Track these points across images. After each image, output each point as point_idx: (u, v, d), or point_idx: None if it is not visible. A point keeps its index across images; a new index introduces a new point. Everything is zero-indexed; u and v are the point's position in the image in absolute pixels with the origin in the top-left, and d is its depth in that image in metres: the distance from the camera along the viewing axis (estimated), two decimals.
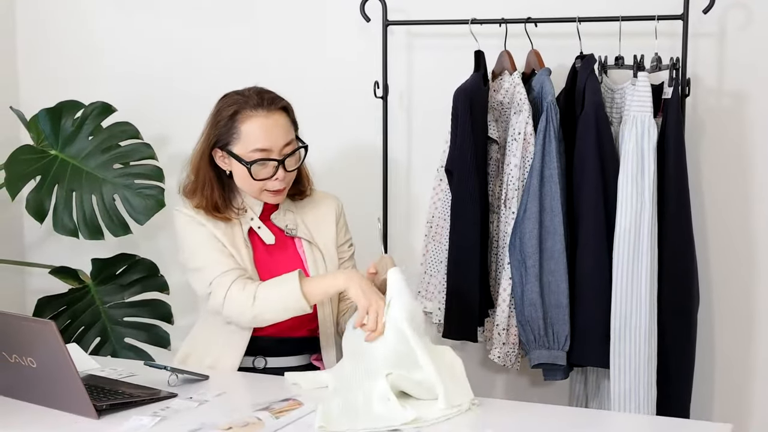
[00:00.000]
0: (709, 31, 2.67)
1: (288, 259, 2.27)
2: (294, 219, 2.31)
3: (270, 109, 2.18)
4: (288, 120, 2.22)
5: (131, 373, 2.14)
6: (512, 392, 2.95)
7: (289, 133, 2.21)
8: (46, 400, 1.89)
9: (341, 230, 2.37)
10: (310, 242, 2.29)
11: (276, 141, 2.17)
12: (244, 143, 2.17)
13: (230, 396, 1.98)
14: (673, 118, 2.44)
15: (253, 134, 2.16)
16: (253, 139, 2.16)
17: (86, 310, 3.00)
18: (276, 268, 2.24)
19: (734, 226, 2.73)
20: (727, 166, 2.71)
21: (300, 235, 2.29)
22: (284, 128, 2.20)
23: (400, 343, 1.94)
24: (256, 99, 2.19)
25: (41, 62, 3.33)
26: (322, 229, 2.33)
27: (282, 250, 2.28)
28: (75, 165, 2.93)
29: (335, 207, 2.37)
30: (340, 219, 2.38)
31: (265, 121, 2.17)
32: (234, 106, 2.19)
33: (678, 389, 2.50)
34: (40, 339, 1.83)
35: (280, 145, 2.18)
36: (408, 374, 1.91)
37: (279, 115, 2.20)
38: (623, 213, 2.41)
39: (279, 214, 2.30)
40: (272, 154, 2.17)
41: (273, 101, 2.20)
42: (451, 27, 2.78)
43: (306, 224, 2.32)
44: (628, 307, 2.41)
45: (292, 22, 3.05)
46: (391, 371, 1.92)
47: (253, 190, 2.22)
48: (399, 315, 1.96)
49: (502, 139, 2.63)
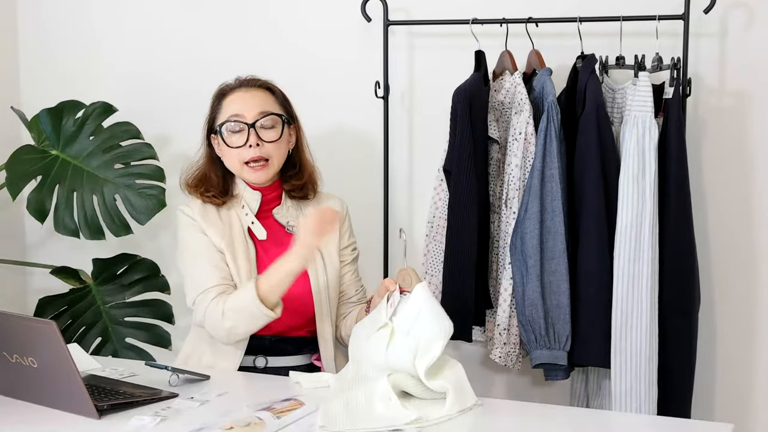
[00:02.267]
0: (711, 30, 2.66)
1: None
2: (296, 216, 2.32)
3: (250, 85, 2.32)
4: (271, 97, 2.31)
5: (132, 373, 2.15)
6: (513, 392, 2.94)
7: (267, 104, 2.28)
8: (47, 400, 1.89)
9: (344, 233, 2.37)
10: None
11: (249, 108, 2.25)
12: (223, 114, 2.28)
13: (231, 396, 1.98)
14: (674, 118, 2.44)
15: (229, 105, 2.28)
16: (229, 109, 2.27)
17: (87, 310, 3.00)
18: (270, 263, 2.24)
19: (735, 226, 2.72)
20: (729, 165, 2.71)
21: None
22: (261, 99, 2.28)
23: (419, 358, 1.92)
24: (239, 81, 2.34)
25: (42, 62, 3.33)
26: None
27: (278, 247, 2.28)
28: (76, 165, 2.93)
29: (339, 209, 2.37)
30: (344, 222, 2.38)
31: (243, 93, 2.29)
32: (221, 90, 2.34)
33: (679, 389, 2.50)
34: (41, 339, 1.83)
35: (254, 113, 2.25)
36: (411, 375, 1.91)
37: (259, 91, 2.31)
38: (624, 213, 2.40)
39: (281, 209, 2.32)
40: (245, 119, 2.24)
41: (254, 80, 2.34)
42: (452, 27, 2.78)
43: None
44: (629, 306, 2.41)
45: (293, 21, 3.05)
46: (392, 372, 1.92)
47: (235, 165, 2.27)
48: (433, 333, 1.93)
49: (503, 139, 2.63)
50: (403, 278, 2.05)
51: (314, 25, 3.03)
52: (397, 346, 1.96)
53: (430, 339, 1.92)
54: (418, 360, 1.90)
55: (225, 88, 2.33)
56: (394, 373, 1.91)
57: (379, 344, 1.99)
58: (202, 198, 2.30)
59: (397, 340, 1.97)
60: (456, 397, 1.85)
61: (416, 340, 1.94)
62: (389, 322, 2.01)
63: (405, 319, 1.99)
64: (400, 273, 2.07)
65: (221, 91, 2.33)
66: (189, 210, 2.29)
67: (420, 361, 1.90)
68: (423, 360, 1.89)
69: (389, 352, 1.96)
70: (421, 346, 1.92)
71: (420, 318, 1.97)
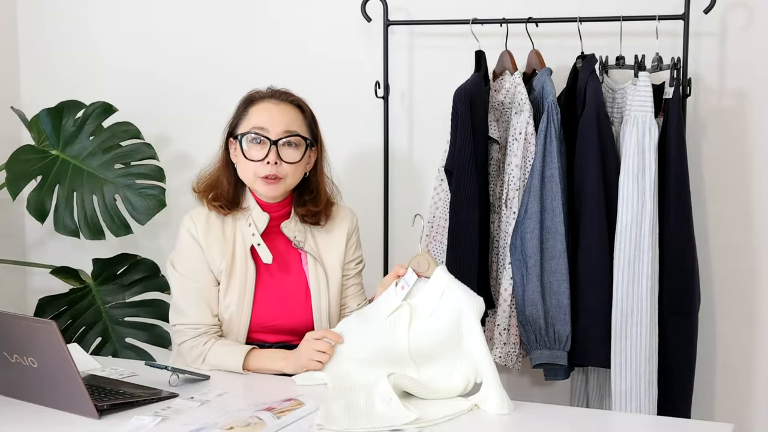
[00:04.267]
0: (710, 30, 2.66)
1: (291, 278, 2.24)
2: (304, 231, 2.27)
3: (281, 99, 2.24)
4: (300, 115, 2.24)
5: (132, 373, 2.14)
6: (513, 392, 2.90)
7: (294, 124, 2.22)
8: (47, 400, 1.89)
9: (351, 248, 2.32)
10: (316, 258, 2.26)
11: (276, 124, 2.19)
12: (247, 123, 2.22)
13: (231, 396, 1.98)
14: (674, 118, 2.44)
15: (256, 114, 2.22)
16: (254, 119, 2.21)
17: (87, 310, 3.00)
18: (277, 287, 2.23)
19: (735, 226, 2.72)
20: (728, 165, 2.71)
21: (307, 249, 2.25)
22: (289, 116, 2.22)
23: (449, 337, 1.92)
24: (271, 91, 2.27)
25: (42, 62, 3.33)
26: (330, 247, 2.29)
27: (285, 269, 2.24)
28: (76, 165, 2.93)
29: (349, 224, 2.33)
30: (351, 236, 2.33)
31: (273, 106, 2.23)
32: (250, 96, 2.26)
33: (679, 388, 2.50)
34: (41, 339, 1.82)
35: (279, 130, 2.19)
36: (412, 378, 1.91)
37: (289, 107, 2.24)
38: (624, 212, 2.40)
39: (290, 223, 2.26)
40: (268, 133, 2.18)
41: (287, 94, 2.27)
42: (452, 27, 2.78)
43: (315, 239, 2.28)
44: (629, 306, 2.41)
45: (293, 21, 3.05)
46: (393, 371, 1.91)
47: (249, 176, 2.20)
48: (467, 308, 1.92)
49: (503, 139, 2.63)
50: (418, 263, 2.01)
51: (314, 25, 3.03)
52: (420, 330, 1.95)
53: (463, 317, 1.91)
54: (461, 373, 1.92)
55: (255, 95, 2.25)
56: (395, 373, 1.91)
57: (398, 329, 1.97)
58: (209, 205, 2.24)
59: (418, 321, 1.96)
60: (502, 393, 1.87)
61: (443, 320, 1.93)
62: (404, 303, 1.98)
63: (427, 301, 1.97)
64: (415, 258, 2.02)
65: (250, 97, 2.25)
66: (192, 227, 2.22)
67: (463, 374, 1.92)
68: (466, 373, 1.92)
69: (412, 337, 1.95)
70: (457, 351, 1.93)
71: (446, 298, 1.95)
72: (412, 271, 2.00)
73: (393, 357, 1.98)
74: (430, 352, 1.95)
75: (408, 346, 1.96)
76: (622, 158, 2.43)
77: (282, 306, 2.22)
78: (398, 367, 1.96)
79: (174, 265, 2.25)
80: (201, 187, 2.27)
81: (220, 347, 2.17)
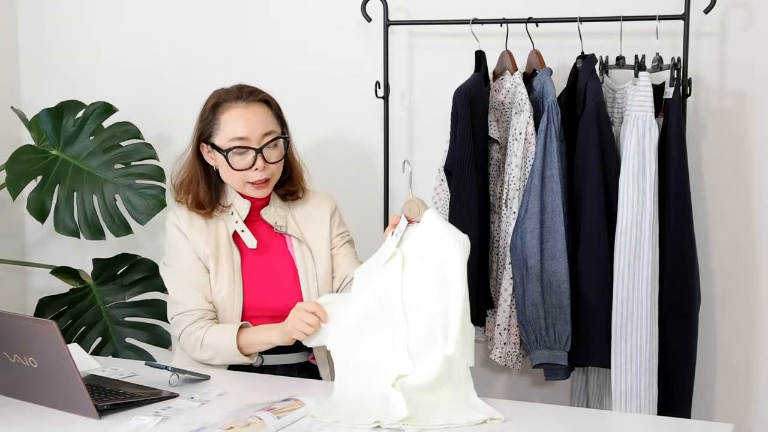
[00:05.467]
0: (711, 30, 2.66)
1: (277, 261, 2.28)
2: (285, 215, 2.31)
3: (249, 101, 2.23)
4: (269, 112, 2.25)
5: (132, 373, 2.15)
6: (514, 392, 2.94)
7: (269, 123, 2.23)
8: (47, 400, 1.89)
9: (334, 225, 2.35)
10: (300, 240, 2.29)
11: (253, 130, 2.20)
12: (224, 133, 2.21)
13: (231, 396, 1.98)
14: (674, 118, 2.44)
15: (231, 124, 2.21)
16: (231, 129, 2.21)
17: (87, 310, 3.00)
18: (265, 270, 2.25)
19: (735, 226, 2.72)
20: (729, 165, 2.71)
21: (290, 232, 2.29)
22: (263, 118, 2.23)
23: (440, 279, 1.91)
24: (236, 92, 2.25)
25: (42, 62, 3.33)
26: (314, 227, 2.32)
27: (271, 252, 2.28)
28: (76, 165, 2.93)
29: (329, 204, 2.37)
30: (334, 215, 2.36)
31: (244, 111, 2.22)
32: (215, 99, 2.26)
33: (679, 389, 2.50)
34: (41, 339, 1.83)
35: (258, 135, 2.20)
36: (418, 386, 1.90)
37: (258, 106, 2.24)
38: (624, 213, 2.40)
39: (269, 209, 2.30)
40: (250, 143, 2.19)
41: (252, 93, 2.25)
42: (452, 27, 2.78)
43: (297, 221, 2.32)
44: (629, 306, 2.41)
45: (293, 21, 3.05)
46: (401, 374, 1.90)
47: (237, 183, 2.23)
48: (449, 247, 1.91)
49: (503, 139, 2.63)
50: (410, 209, 2.00)
51: (314, 25, 3.03)
52: (412, 275, 1.95)
53: (446, 258, 1.90)
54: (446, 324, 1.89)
55: (221, 99, 2.24)
56: (401, 378, 1.90)
57: (391, 276, 1.96)
58: (189, 209, 2.27)
59: (411, 267, 1.96)
60: (458, 345, 1.87)
61: (433, 263, 1.92)
62: (397, 250, 1.98)
63: (416, 245, 1.97)
64: (407, 204, 2.01)
65: (217, 102, 2.24)
66: (176, 219, 2.27)
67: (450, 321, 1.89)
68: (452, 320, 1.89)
69: (405, 283, 1.95)
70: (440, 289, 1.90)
71: (434, 240, 1.94)
72: (404, 217, 2.01)
73: (388, 313, 1.95)
74: (421, 302, 1.92)
75: (401, 294, 1.95)
76: (622, 158, 2.43)
77: (271, 288, 2.25)
78: (392, 327, 1.94)
79: (165, 261, 2.29)
80: (182, 197, 2.29)
81: (215, 328, 2.19)
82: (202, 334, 2.18)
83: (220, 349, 2.16)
